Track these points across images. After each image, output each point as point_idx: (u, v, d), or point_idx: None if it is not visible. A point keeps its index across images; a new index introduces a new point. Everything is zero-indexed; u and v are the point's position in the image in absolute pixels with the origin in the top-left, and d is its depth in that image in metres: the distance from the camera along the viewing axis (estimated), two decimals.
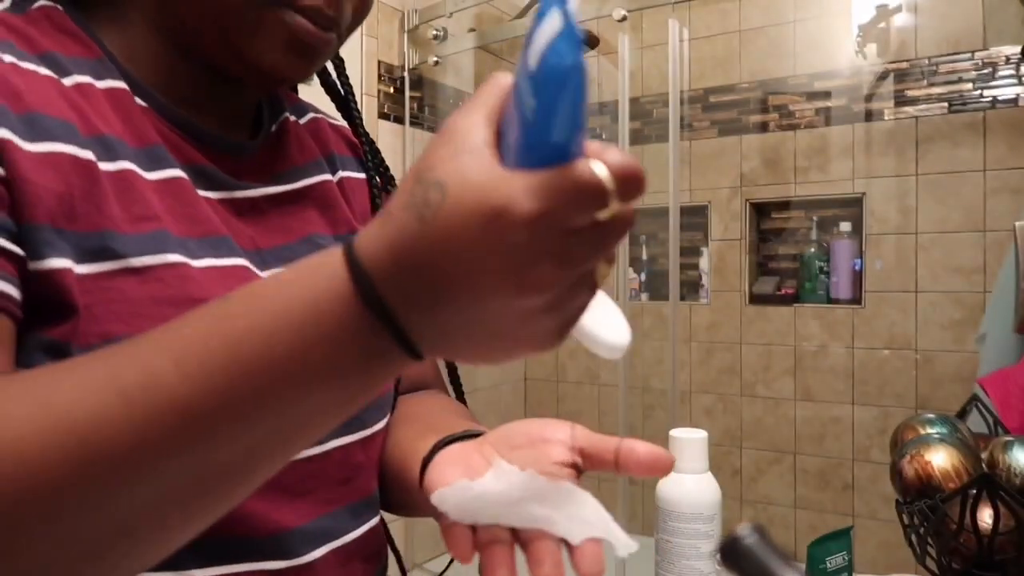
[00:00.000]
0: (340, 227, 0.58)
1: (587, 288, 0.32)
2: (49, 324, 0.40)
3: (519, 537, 0.43)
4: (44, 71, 0.44)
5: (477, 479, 0.43)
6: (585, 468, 0.48)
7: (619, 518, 0.44)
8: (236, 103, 0.55)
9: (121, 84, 0.48)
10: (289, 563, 0.48)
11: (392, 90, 2.03)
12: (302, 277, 0.33)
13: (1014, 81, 1.85)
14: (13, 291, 0.39)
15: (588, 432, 0.48)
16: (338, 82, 0.66)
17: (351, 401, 0.34)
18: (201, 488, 0.33)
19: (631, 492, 1.92)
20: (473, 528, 0.42)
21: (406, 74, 2.06)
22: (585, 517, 0.43)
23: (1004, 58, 1.85)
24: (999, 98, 1.87)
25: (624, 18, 1.77)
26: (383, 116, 2.00)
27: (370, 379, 0.33)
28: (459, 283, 0.30)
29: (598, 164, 0.28)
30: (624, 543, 0.42)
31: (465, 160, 0.29)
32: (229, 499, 0.35)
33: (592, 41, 2.31)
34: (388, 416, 0.59)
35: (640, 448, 0.46)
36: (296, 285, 0.32)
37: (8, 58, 0.42)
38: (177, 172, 0.48)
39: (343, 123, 0.67)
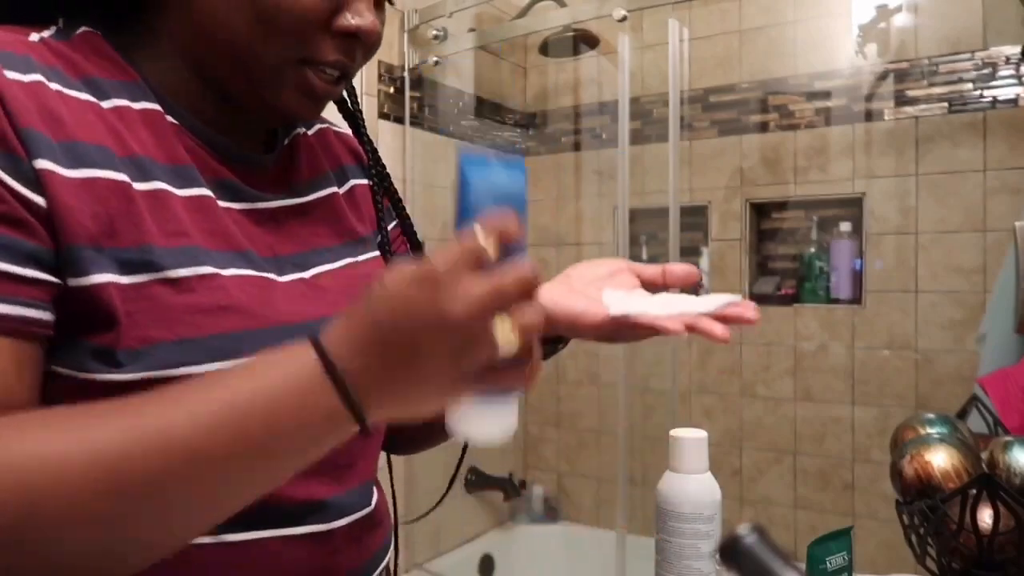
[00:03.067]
0: (343, 237, 0.64)
1: (487, 343, 0.40)
2: (95, 332, 0.46)
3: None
4: (85, 96, 0.49)
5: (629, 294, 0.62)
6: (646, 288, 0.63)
7: (619, 518, 0.45)
8: (255, 123, 0.61)
9: (155, 105, 0.53)
10: (314, 528, 0.55)
11: (392, 90, 2.03)
12: (280, 372, 0.42)
13: (1014, 81, 1.85)
14: (43, 315, 0.44)
15: (638, 265, 0.65)
16: (344, 94, 0.71)
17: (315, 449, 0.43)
18: (204, 505, 0.42)
19: (631, 492, 1.93)
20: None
21: (406, 74, 2.06)
22: (691, 301, 0.58)
23: (1004, 58, 1.85)
24: (999, 98, 1.86)
25: (624, 18, 1.77)
26: (383, 116, 2.00)
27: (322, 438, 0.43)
28: (397, 331, 0.40)
29: (478, 228, 0.41)
30: (727, 298, 0.57)
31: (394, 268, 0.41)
32: (225, 511, 0.43)
33: (592, 41, 2.31)
34: None
35: (676, 267, 0.64)
36: (274, 378, 0.41)
37: (55, 86, 0.47)
38: (204, 190, 0.53)
39: (346, 130, 0.72)
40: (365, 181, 0.70)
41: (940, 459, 0.72)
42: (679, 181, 1.79)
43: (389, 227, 0.71)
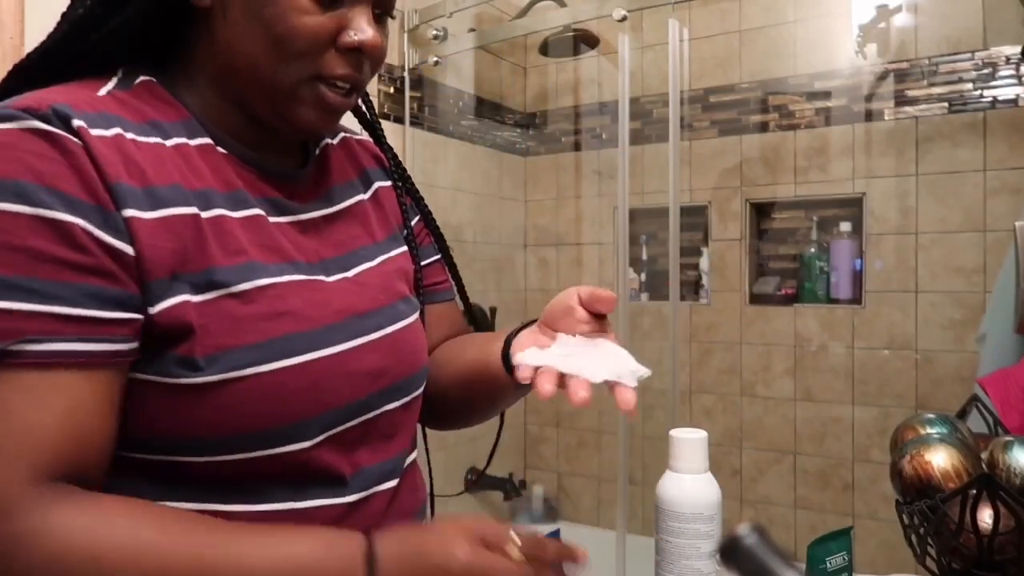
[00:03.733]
0: (375, 236, 0.71)
1: None
2: (177, 344, 0.53)
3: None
4: (154, 139, 0.56)
5: (544, 347, 0.64)
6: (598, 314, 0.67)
7: (619, 518, 0.45)
8: (286, 140, 0.67)
9: (207, 140, 0.60)
10: (349, 499, 0.62)
11: (392, 90, 2.03)
12: (319, 558, 0.52)
13: (1014, 81, 1.85)
14: (129, 347, 0.52)
15: (586, 289, 0.67)
16: (363, 105, 0.79)
17: None
18: None
19: (631, 492, 1.92)
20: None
21: (406, 74, 2.06)
22: (608, 364, 0.62)
23: (1004, 58, 1.85)
24: (999, 98, 1.86)
25: (624, 18, 1.76)
26: (383, 116, 2.00)
27: None
28: None
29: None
30: (632, 373, 0.61)
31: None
32: None
33: (592, 41, 2.31)
34: (423, 385, 0.72)
35: (594, 298, 0.66)
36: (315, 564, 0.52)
37: (130, 135, 0.54)
38: (256, 210, 0.60)
39: (365, 136, 0.81)
40: (388, 183, 0.77)
41: (940, 459, 0.72)
42: (679, 181, 1.79)
43: (413, 222, 0.78)
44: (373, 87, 1.96)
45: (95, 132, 0.52)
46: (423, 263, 0.78)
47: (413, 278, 0.75)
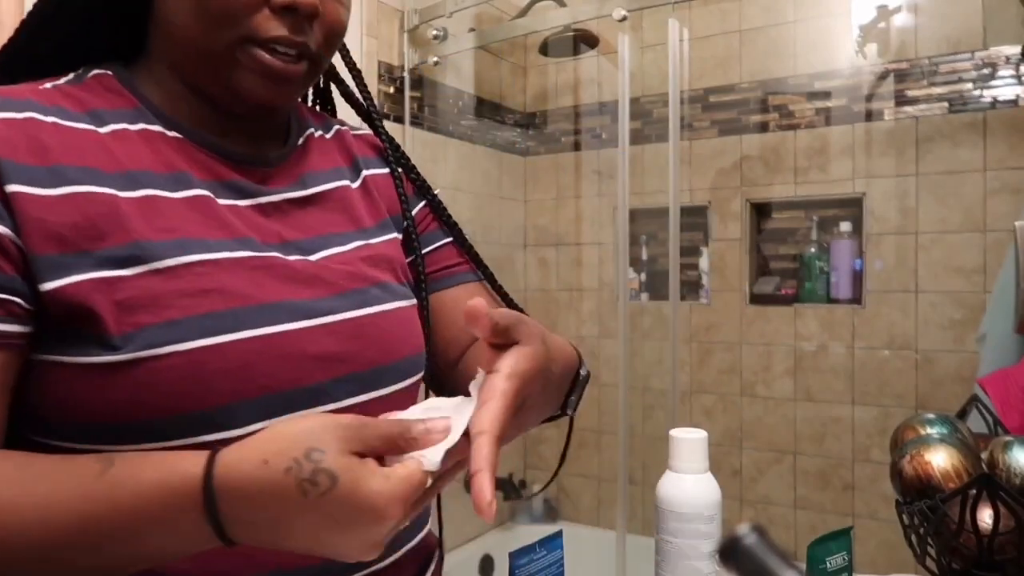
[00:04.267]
0: (354, 224, 0.67)
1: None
2: (86, 323, 0.51)
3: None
4: (82, 125, 0.56)
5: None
6: None
7: (619, 518, 0.45)
8: (262, 126, 0.65)
9: (154, 127, 0.59)
10: None
11: (392, 90, 2.03)
12: (161, 483, 0.45)
13: (1014, 81, 1.85)
14: (15, 328, 0.50)
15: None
16: (358, 94, 0.78)
17: (172, 555, 0.48)
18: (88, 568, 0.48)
19: (631, 492, 1.93)
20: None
21: (406, 74, 2.06)
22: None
23: (1004, 58, 1.85)
24: (999, 98, 1.86)
25: (624, 18, 1.77)
26: (383, 116, 2.00)
27: (186, 549, 0.47)
28: (309, 543, 0.45)
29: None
30: (430, 460, 0.46)
31: (356, 465, 0.44)
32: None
33: (592, 41, 2.31)
34: (411, 380, 0.65)
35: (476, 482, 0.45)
36: (155, 489, 0.45)
37: (50, 119, 0.54)
38: (200, 191, 0.58)
39: (366, 130, 0.78)
40: (384, 170, 0.74)
41: (940, 459, 0.72)
42: (679, 181, 1.79)
43: (415, 210, 0.74)
44: (373, 87, 1.96)
45: (2, 115, 0.53)
46: (429, 248, 0.73)
47: (407, 267, 0.71)
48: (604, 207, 2.44)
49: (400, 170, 0.75)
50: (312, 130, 0.71)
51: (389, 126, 2.01)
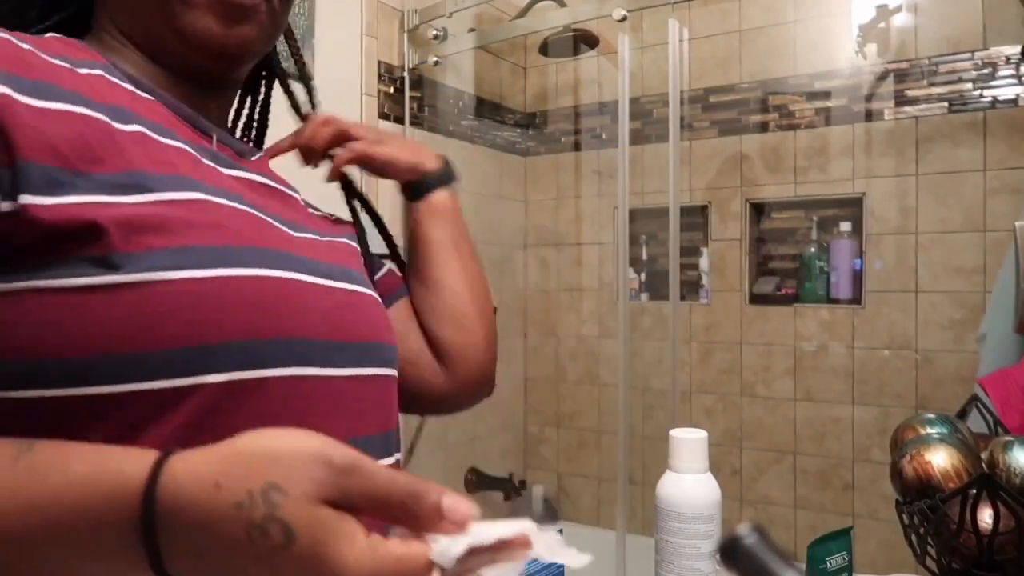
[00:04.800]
0: (324, 228, 0.66)
1: None
2: (87, 244, 0.44)
3: None
4: (59, 63, 0.49)
5: None
6: None
7: (619, 518, 0.45)
8: (224, 110, 0.63)
9: (126, 85, 0.53)
10: None
11: (392, 90, 2.03)
12: (90, 480, 0.36)
13: (1014, 81, 1.85)
14: None
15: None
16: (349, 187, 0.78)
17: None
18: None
19: (631, 492, 1.92)
20: None
21: (406, 74, 2.06)
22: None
23: (1004, 58, 1.85)
24: (999, 98, 1.86)
25: (624, 18, 1.76)
26: (383, 116, 2.00)
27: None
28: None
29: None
30: (444, 552, 0.37)
31: (324, 522, 0.34)
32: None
33: (592, 41, 2.31)
34: (393, 369, 0.63)
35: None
36: (80, 485, 0.36)
37: (27, 46, 0.48)
38: (185, 146, 0.53)
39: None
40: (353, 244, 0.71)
41: (940, 459, 0.72)
42: (679, 181, 1.79)
43: (378, 276, 0.74)
44: (373, 87, 1.96)
45: None
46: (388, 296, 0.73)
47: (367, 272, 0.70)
48: (604, 207, 2.44)
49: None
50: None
51: (389, 126, 2.02)
